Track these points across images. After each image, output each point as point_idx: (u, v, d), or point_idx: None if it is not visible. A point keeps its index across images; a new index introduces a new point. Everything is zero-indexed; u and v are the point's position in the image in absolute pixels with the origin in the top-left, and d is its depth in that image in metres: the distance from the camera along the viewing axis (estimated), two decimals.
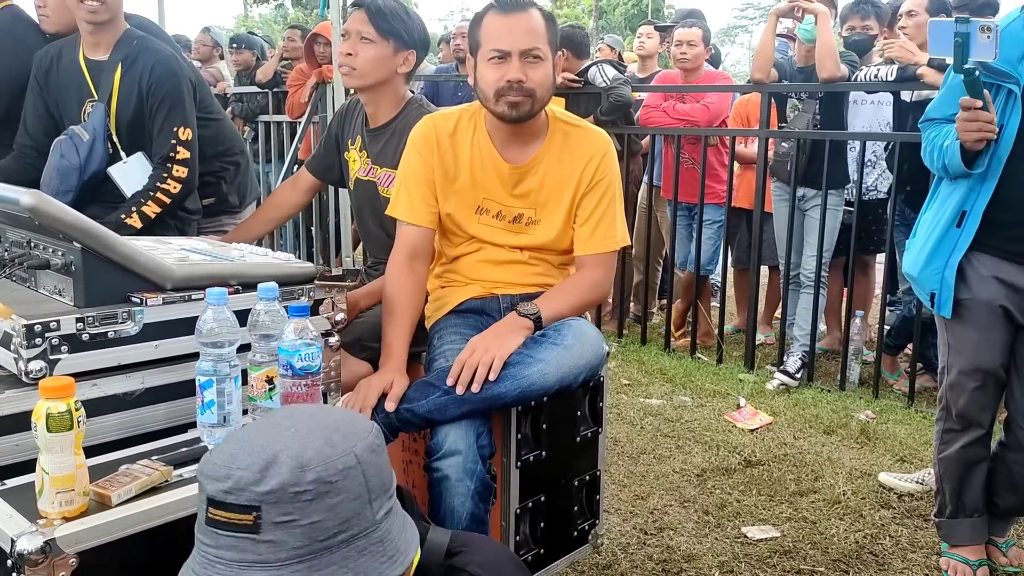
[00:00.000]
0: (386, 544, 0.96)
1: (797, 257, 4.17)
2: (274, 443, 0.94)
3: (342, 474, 0.93)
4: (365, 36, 2.17)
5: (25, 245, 1.65)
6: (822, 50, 3.76)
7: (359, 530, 0.94)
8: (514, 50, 1.82)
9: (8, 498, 1.25)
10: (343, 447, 0.95)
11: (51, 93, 2.41)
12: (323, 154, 2.45)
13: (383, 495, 0.98)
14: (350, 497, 0.94)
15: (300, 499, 0.91)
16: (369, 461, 0.97)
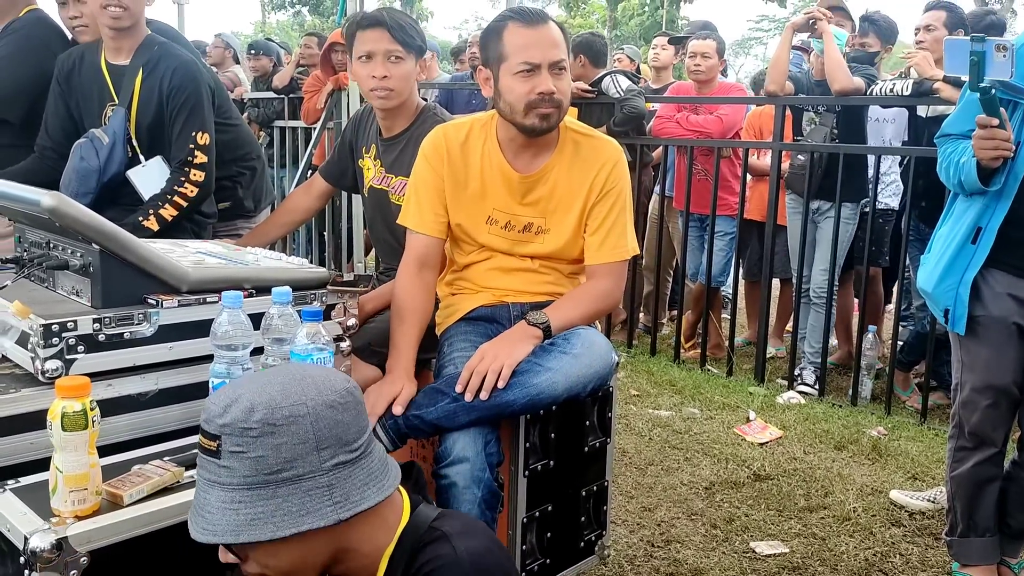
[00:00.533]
0: (334, 491, 1.09)
1: (810, 270, 4.17)
2: (242, 388, 1.11)
3: (287, 419, 1.08)
4: (396, 55, 2.14)
5: (44, 246, 1.67)
6: (830, 64, 3.78)
7: (303, 472, 1.08)
8: (544, 62, 1.82)
9: (22, 496, 1.27)
10: (296, 398, 1.09)
11: (73, 96, 2.44)
12: (337, 160, 2.46)
13: (337, 447, 1.10)
14: (294, 441, 1.08)
15: (247, 435, 1.07)
16: (323, 415, 1.10)
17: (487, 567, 1.14)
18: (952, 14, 3.78)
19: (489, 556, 1.16)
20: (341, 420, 1.11)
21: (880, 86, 3.79)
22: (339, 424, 1.11)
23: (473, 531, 1.21)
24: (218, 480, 1.08)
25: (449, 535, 1.16)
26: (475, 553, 1.14)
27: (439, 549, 1.15)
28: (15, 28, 2.50)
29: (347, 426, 1.12)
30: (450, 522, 1.20)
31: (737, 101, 4.63)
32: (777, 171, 4.13)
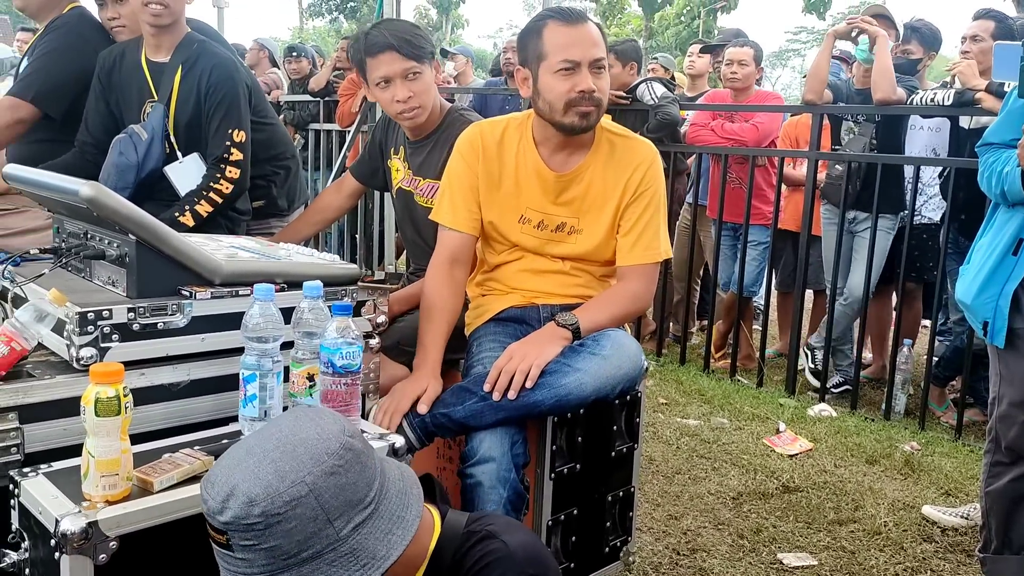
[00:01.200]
0: (358, 554, 1.05)
1: (843, 281, 4.11)
2: (235, 475, 1.05)
3: (289, 505, 1.02)
4: (413, 72, 2.11)
5: (82, 236, 1.70)
6: (878, 72, 3.72)
7: (323, 547, 1.03)
8: (585, 60, 1.82)
9: (54, 480, 1.29)
10: (293, 478, 1.03)
11: (113, 92, 2.48)
12: (367, 159, 2.48)
13: (350, 511, 1.05)
14: (304, 522, 1.03)
15: (253, 529, 1.02)
16: (325, 486, 1.04)
17: (538, 558, 1.15)
18: (1001, 24, 3.70)
19: (538, 547, 1.18)
20: (346, 483, 1.06)
21: (921, 96, 3.74)
22: (345, 488, 1.06)
23: (516, 526, 1.22)
24: (239, 571, 1.04)
25: (495, 532, 1.17)
26: (525, 545, 1.16)
27: (489, 545, 1.15)
28: (58, 25, 2.55)
29: (354, 487, 1.07)
30: (490, 521, 1.21)
31: (772, 109, 4.58)
32: (813, 180, 4.09)
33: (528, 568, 1.12)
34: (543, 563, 1.15)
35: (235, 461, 1.07)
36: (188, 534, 1.27)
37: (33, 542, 1.26)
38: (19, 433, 1.38)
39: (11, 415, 1.38)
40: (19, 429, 1.38)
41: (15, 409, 1.38)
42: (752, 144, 4.40)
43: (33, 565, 1.27)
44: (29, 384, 1.40)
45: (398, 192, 2.34)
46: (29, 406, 1.39)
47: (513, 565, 1.12)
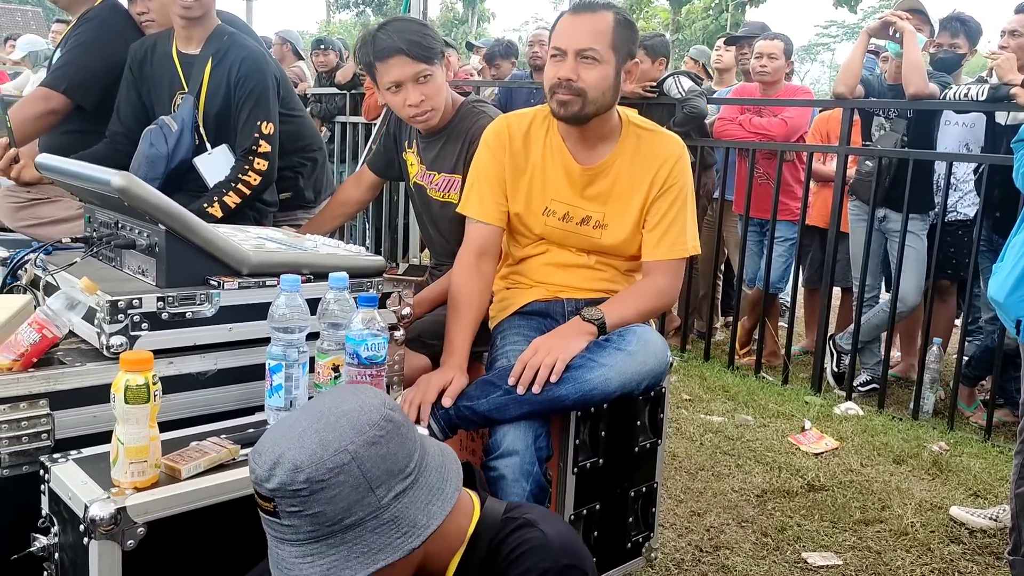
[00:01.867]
0: (399, 522, 1.08)
1: (872, 279, 4.06)
2: (281, 444, 1.08)
3: (333, 472, 1.05)
4: (424, 75, 2.08)
5: (113, 225, 1.72)
6: (908, 66, 3.66)
7: (365, 514, 1.07)
8: (570, 49, 1.81)
9: (84, 466, 1.31)
10: (336, 446, 1.06)
11: (144, 84, 2.50)
12: (383, 152, 2.47)
13: (391, 480, 1.09)
14: (347, 490, 1.06)
15: (298, 495, 1.05)
16: (367, 455, 1.07)
17: (574, 549, 1.15)
18: None
19: (574, 539, 1.18)
20: (387, 453, 1.09)
21: (955, 90, 3.68)
22: (386, 458, 1.09)
23: (553, 517, 1.22)
24: (285, 537, 1.08)
25: (533, 520, 1.17)
26: (563, 535, 1.16)
27: (527, 533, 1.15)
28: (90, 16, 2.57)
29: (395, 456, 1.10)
30: (528, 510, 1.21)
31: (800, 103, 4.53)
32: (843, 176, 4.04)
33: (564, 558, 1.12)
34: (579, 554, 1.15)
35: (281, 433, 1.10)
36: (215, 522, 1.28)
37: (62, 527, 1.28)
38: (50, 419, 1.41)
39: (42, 401, 1.40)
40: (50, 415, 1.41)
41: (46, 396, 1.40)
42: (780, 139, 4.36)
43: (62, 550, 1.29)
44: (60, 371, 1.43)
45: (414, 186, 2.34)
46: (60, 393, 1.42)
47: (549, 554, 1.12)
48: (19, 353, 1.40)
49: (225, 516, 1.29)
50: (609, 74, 1.84)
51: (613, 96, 1.88)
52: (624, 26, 1.85)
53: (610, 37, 1.83)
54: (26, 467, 1.38)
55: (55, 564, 1.30)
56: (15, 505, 1.37)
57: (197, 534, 1.27)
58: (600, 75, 1.83)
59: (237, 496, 1.30)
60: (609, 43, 1.83)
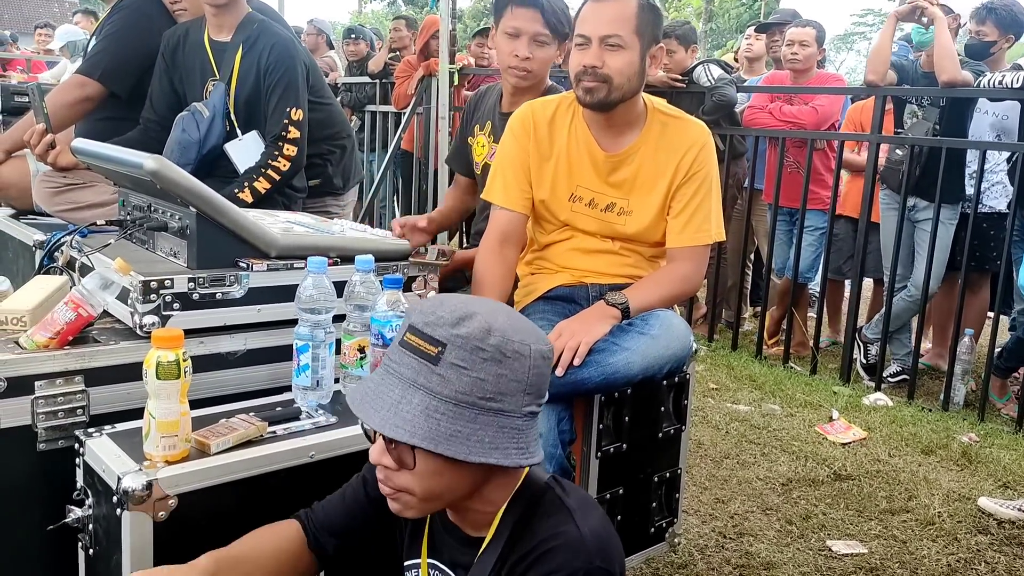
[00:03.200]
0: (522, 435, 1.09)
1: (903, 269, 4.01)
2: (475, 306, 1.10)
3: (515, 354, 1.07)
4: (541, 39, 2.19)
5: (146, 209, 1.76)
6: (940, 53, 3.61)
7: (508, 408, 1.08)
8: (594, 36, 1.82)
9: (117, 440, 1.35)
10: (523, 337, 1.09)
11: (177, 71, 2.54)
12: (460, 148, 2.49)
13: (535, 397, 1.11)
14: (512, 377, 1.07)
15: (478, 354, 1.06)
16: (538, 362, 1.10)
17: (607, 550, 1.11)
18: None
19: (608, 536, 1.14)
20: (544, 373, 1.12)
21: (989, 78, 3.61)
22: (543, 376, 1.12)
23: (592, 506, 1.19)
24: (427, 385, 1.06)
25: (572, 510, 1.13)
26: (598, 534, 1.12)
27: (562, 524, 1.11)
28: (124, 5, 2.62)
29: (545, 380, 1.13)
30: (568, 494, 1.17)
31: (831, 91, 4.47)
32: (874, 165, 3.99)
33: (596, 559, 1.08)
34: (611, 556, 1.11)
35: (469, 298, 1.13)
36: (243, 496, 1.32)
37: (96, 499, 1.33)
38: (85, 395, 1.45)
39: (77, 378, 1.44)
40: (85, 392, 1.45)
41: (81, 372, 1.45)
42: (811, 127, 4.31)
43: (96, 521, 1.33)
44: (95, 349, 1.47)
45: (484, 168, 2.34)
46: (94, 370, 1.46)
47: (581, 554, 1.08)
48: (55, 331, 1.44)
49: (252, 491, 1.32)
50: (634, 60, 1.84)
51: (639, 82, 1.87)
52: (648, 11, 1.85)
53: (634, 23, 1.83)
54: (62, 442, 1.43)
55: (89, 535, 1.35)
56: (51, 478, 1.42)
57: (225, 507, 1.30)
58: (625, 61, 1.83)
59: (265, 471, 1.33)
60: (633, 28, 1.83)
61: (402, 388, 1.07)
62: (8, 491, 1.41)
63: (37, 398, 1.41)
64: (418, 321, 1.08)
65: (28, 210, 2.59)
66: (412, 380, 1.07)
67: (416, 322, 1.08)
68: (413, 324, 1.09)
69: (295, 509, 1.31)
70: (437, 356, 1.05)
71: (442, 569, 1.21)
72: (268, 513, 1.32)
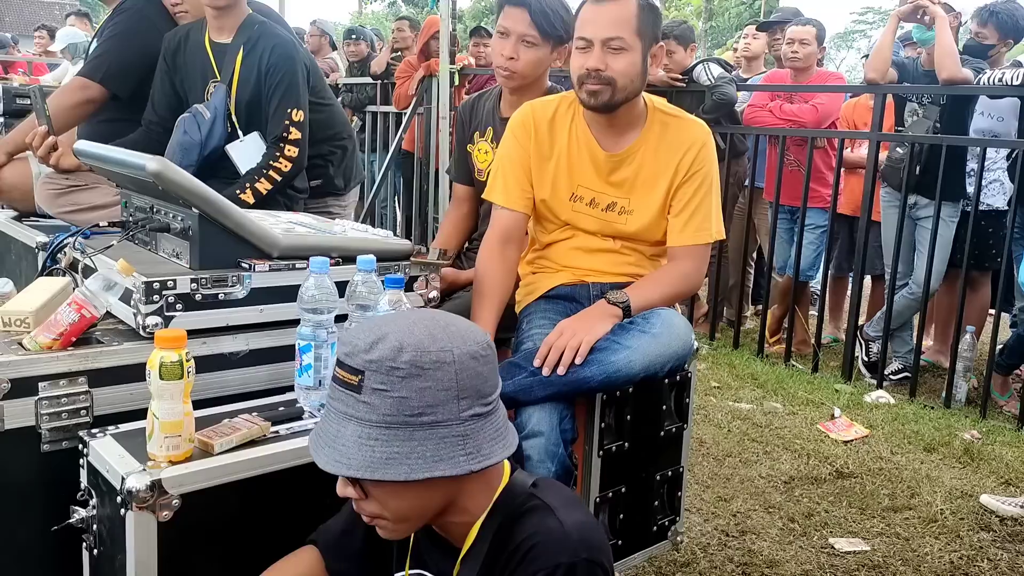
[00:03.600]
0: (467, 441, 1.09)
1: (904, 266, 4.01)
2: (389, 326, 1.10)
3: (434, 364, 1.07)
4: (528, 40, 2.18)
5: (148, 210, 1.76)
6: (940, 51, 3.61)
7: (442, 419, 1.07)
8: (596, 39, 1.81)
9: (121, 440, 1.35)
10: (443, 344, 1.09)
11: (178, 73, 2.55)
12: (461, 158, 2.46)
13: (475, 399, 1.10)
14: (438, 387, 1.07)
15: (394, 374, 1.06)
16: (466, 364, 1.09)
17: (592, 542, 1.11)
18: None
19: (593, 530, 1.14)
20: (480, 372, 1.11)
21: (989, 75, 3.62)
22: (479, 376, 1.10)
23: (574, 503, 1.19)
24: (356, 414, 1.07)
25: (553, 507, 1.13)
26: (582, 527, 1.12)
27: (544, 521, 1.12)
28: (125, 7, 2.63)
29: (485, 379, 1.11)
30: (551, 493, 1.18)
31: (831, 89, 4.47)
32: (874, 163, 3.99)
33: (582, 552, 1.08)
34: (597, 547, 1.11)
35: (388, 319, 1.13)
36: (246, 496, 1.32)
37: (100, 499, 1.33)
38: (88, 396, 1.45)
39: (81, 379, 1.45)
40: (88, 392, 1.45)
41: (85, 373, 1.45)
42: (811, 125, 4.31)
43: (100, 521, 1.34)
44: (98, 350, 1.47)
45: (488, 176, 2.29)
46: (98, 371, 1.46)
47: (566, 547, 1.08)
48: (59, 332, 1.45)
49: (256, 490, 1.33)
50: (637, 61, 1.85)
51: (641, 82, 1.88)
52: (648, 11, 1.85)
53: (635, 23, 1.83)
54: (66, 442, 1.43)
55: (93, 535, 1.35)
56: (55, 479, 1.42)
57: (229, 507, 1.31)
58: (628, 63, 1.83)
59: (269, 471, 1.34)
60: (635, 29, 1.83)
61: (338, 422, 1.09)
62: (12, 492, 1.41)
63: (41, 399, 1.41)
64: (340, 353, 1.10)
65: (30, 212, 2.59)
66: (344, 412, 1.09)
67: (339, 354, 1.10)
68: (338, 357, 1.11)
69: (298, 509, 1.32)
70: (359, 384, 1.07)
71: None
72: (272, 514, 1.32)
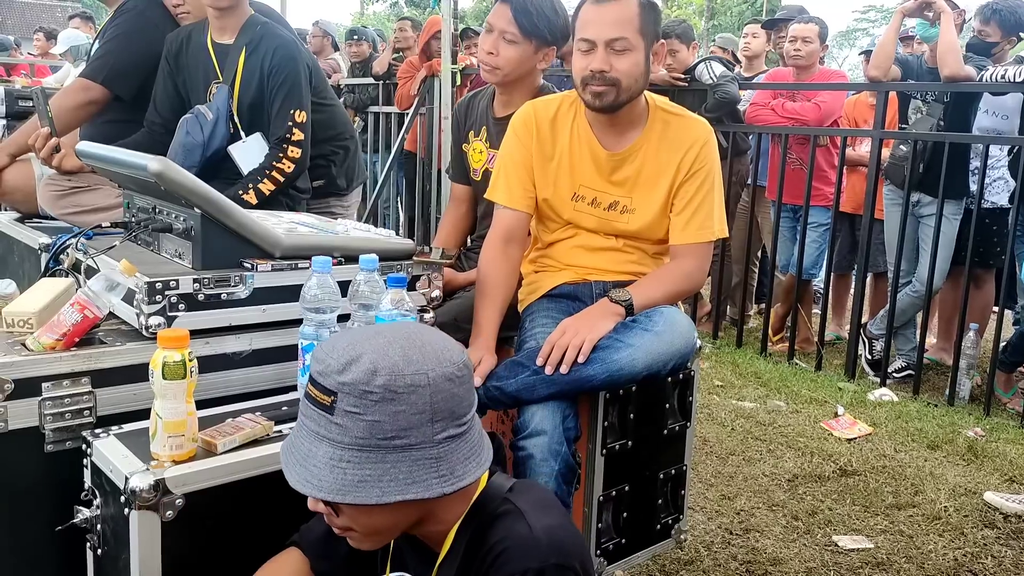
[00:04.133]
0: (441, 464, 1.08)
1: (907, 264, 4.01)
2: (364, 346, 1.08)
3: (408, 388, 1.05)
4: (508, 36, 2.19)
5: (151, 211, 1.76)
6: (943, 47, 3.61)
7: (415, 442, 1.06)
8: (599, 40, 1.81)
9: (124, 440, 1.35)
10: (418, 367, 1.07)
11: (180, 74, 2.55)
12: (458, 157, 2.47)
13: (449, 420, 1.09)
14: (412, 411, 1.06)
15: (368, 397, 1.04)
16: (441, 387, 1.08)
17: (563, 545, 1.09)
18: None
19: (564, 533, 1.12)
20: (456, 394, 1.10)
21: (991, 72, 3.61)
22: (454, 398, 1.09)
23: (547, 506, 1.17)
24: (328, 435, 1.06)
25: (524, 511, 1.12)
26: (551, 530, 1.10)
27: (513, 526, 1.10)
28: (127, 8, 2.63)
29: (460, 400, 1.11)
30: (524, 496, 1.17)
31: (833, 87, 4.47)
32: (877, 160, 3.98)
33: (552, 557, 1.06)
34: (568, 551, 1.09)
35: (361, 336, 1.10)
36: (250, 495, 1.32)
37: (104, 499, 1.33)
38: (92, 397, 1.46)
39: (84, 379, 1.45)
40: (92, 393, 1.46)
41: (88, 374, 1.46)
42: (814, 123, 4.31)
43: (104, 521, 1.34)
44: (101, 350, 1.48)
45: (484, 175, 2.32)
46: (101, 371, 1.47)
47: (534, 553, 1.06)
48: (62, 333, 1.45)
49: (259, 490, 1.33)
50: (640, 60, 1.85)
51: (644, 81, 1.88)
52: (649, 9, 1.85)
53: (637, 23, 1.83)
54: (69, 443, 1.44)
55: (97, 535, 1.35)
56: (59, 479, 1.43)
57: (233, 507, 1.31)
58: (632, 63, 1.83)
59: (272, 470, 1.34)
60: (637, 29, 1.83)
61: (310, 441, 1.08)
62: (17, 492, 1.41)
63: (44, 399, 1.42)
64: (313, 370, 1.09)
65: (33, 213, 2.60)
66: (316, 432, 1.07)
67: (312, 371, 1.09)
68: (311, 373, 1.09)
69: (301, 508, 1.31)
70: (331, 405, 1.05)
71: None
72: (275, 513, 1.33)
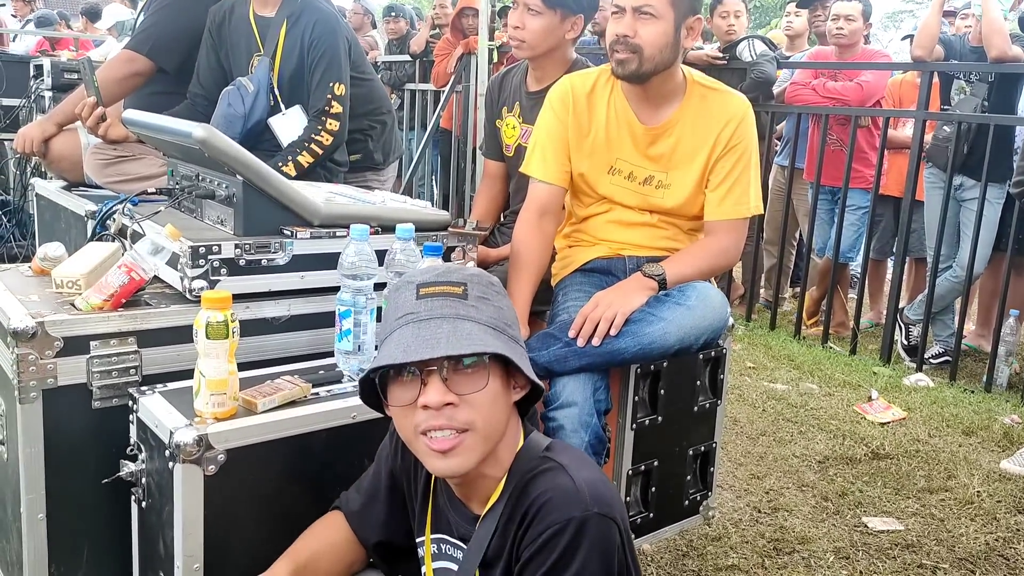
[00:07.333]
0: (527, 360, 1.23)
1: (948, 248, 3.95)
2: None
3: (503, 293, 1.23)
4: (532, 8, 2.21)
5: (194, 178, 1.80)
6: (988, 27, 3.53)
7: (518, 337, 1.22)
8: (628, 5, 1.82)
9: (169, 398, 1.40)
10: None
11: (223, 46, 2.59)
12: (492, 134, 2.48)
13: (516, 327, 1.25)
14: (511, 312, 1.23)
15: (492, 287, 1.20)
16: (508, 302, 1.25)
17: (604, 497, 1.13)
18: None
19: (604, 487, 1.16)
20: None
21: None
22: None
23: (585, 462, 1.21)
24: (467, 315, 1.14)
25: (565, 465, 1.16)
26: (592, 483, 1.14)
27: (556, 479, 1.14)
28: None
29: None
30: (563, 453, 1.21)
31: (876, 67, 4.38)
32: (920, 142, 3.92)
33: (594, 506, 1.10)
34: (609, 503, 1.12)
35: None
36: (287, 453, 1.36)
37: (149, 453, 1.38)
38: (137, 356, 1.51)
39: (131, 339, 1.50)
40: (137, 352, 1.51)
41: (134, 334, 1.51)
42: (855, 104, 4.24)
43: (149, 475, 1.39)
44: (147, 311, 1.52)
45: (517, 151, 2.33)
46: (146, 332, 1.52)
47: (577, 502, 1.10)
48: (109, 294, 1.50)
49: (296, 448, 1.37)
50: (667, 31, 1.83)
51: (672, 54, 1.87)
52: None
53: None
54: (116, 399, 1.49)
55: (142, 488, 1.41)
56: (106, 434, 1.48)
57: (270, 464, 1.35)
58: (657, 31, 1.82)
59: (309, 430, 1.38)
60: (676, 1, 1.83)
61: (449, 323, 1.13)
62: (65, 446, 1.47)
63: (92, 357, 1.47)
64: (426, 279, 1.17)
65: (79, 182, 2.67)
66: (455, 314, 1.14)
67: (425, 280, 1.17)
68: (423, 282, 1.17)
69: (336, 467, 1.35)
70: (464, 292, 1.16)
71: (452, 542, 1.25)
72: (312, 471, 1.36)
